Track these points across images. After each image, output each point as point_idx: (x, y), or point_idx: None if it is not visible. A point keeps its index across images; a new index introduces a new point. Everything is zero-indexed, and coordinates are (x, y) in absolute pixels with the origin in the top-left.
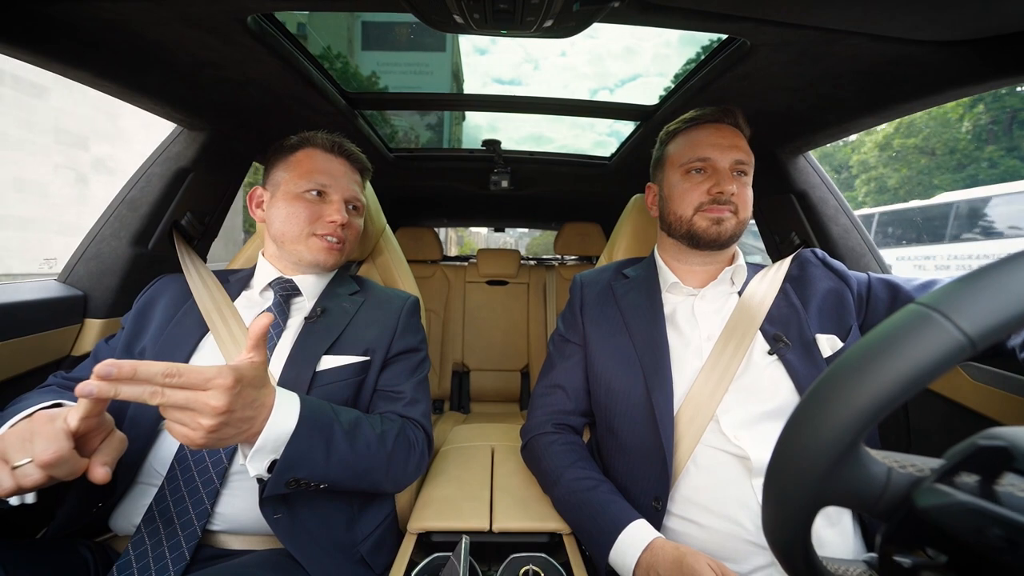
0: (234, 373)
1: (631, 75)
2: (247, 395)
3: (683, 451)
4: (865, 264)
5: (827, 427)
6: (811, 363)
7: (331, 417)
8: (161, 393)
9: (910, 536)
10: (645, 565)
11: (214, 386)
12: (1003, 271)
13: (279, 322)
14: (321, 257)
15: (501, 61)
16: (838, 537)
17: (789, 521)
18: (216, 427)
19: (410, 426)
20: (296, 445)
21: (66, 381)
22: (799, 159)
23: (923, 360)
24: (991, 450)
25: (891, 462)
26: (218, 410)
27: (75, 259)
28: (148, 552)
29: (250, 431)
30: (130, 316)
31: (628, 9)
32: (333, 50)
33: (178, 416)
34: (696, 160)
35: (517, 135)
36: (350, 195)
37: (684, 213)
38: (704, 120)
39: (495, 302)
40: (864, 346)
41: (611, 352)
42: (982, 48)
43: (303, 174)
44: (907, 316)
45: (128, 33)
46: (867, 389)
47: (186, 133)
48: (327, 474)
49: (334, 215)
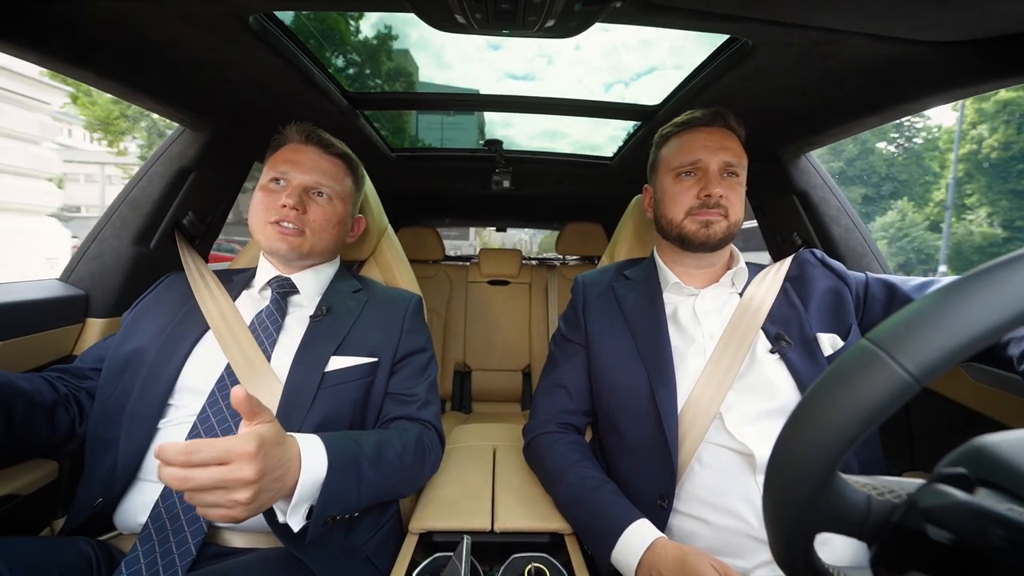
0: (256, 438)
1: (647, 68)
2: (273, 455)
3: (687, 448)
4: (867, 264)
5: (802, 461)
6: (812, 362)
7: (356, 451)
8: (186, 478)
9: (898, 557)
10: (647, 565)
11: (237, 456)
12: (938, 304)
13: (277, 319)
14: (275, 244)
15: (514, 56)
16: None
17: (789, 545)
18: (253, 497)
19: (425, 431)
20: (330, 488)
21: (58, 374)
22: (801, 159)
23: (872, 400)
24: (954, 477)
25: (870, 489)
26: (250, 480)
27: (77, 259)
28: (155, 548)
29: (284, 488)
30: (130, 315)
31: (630, 9)
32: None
33: (209, 500)
34: (686, 163)
35: (532, 130)
36: (311, 181)
37: (675, 217)
38: (696, 123)
39: (497, 302)
40: (823, 382)
41: (614, 351)
42: (984, 48)
43: (270, 166)
44: (857, 353)
45: (130, 33)
46: (828, 427)
47: (188, 133)
48: (360, 504)
49: (284, 199)
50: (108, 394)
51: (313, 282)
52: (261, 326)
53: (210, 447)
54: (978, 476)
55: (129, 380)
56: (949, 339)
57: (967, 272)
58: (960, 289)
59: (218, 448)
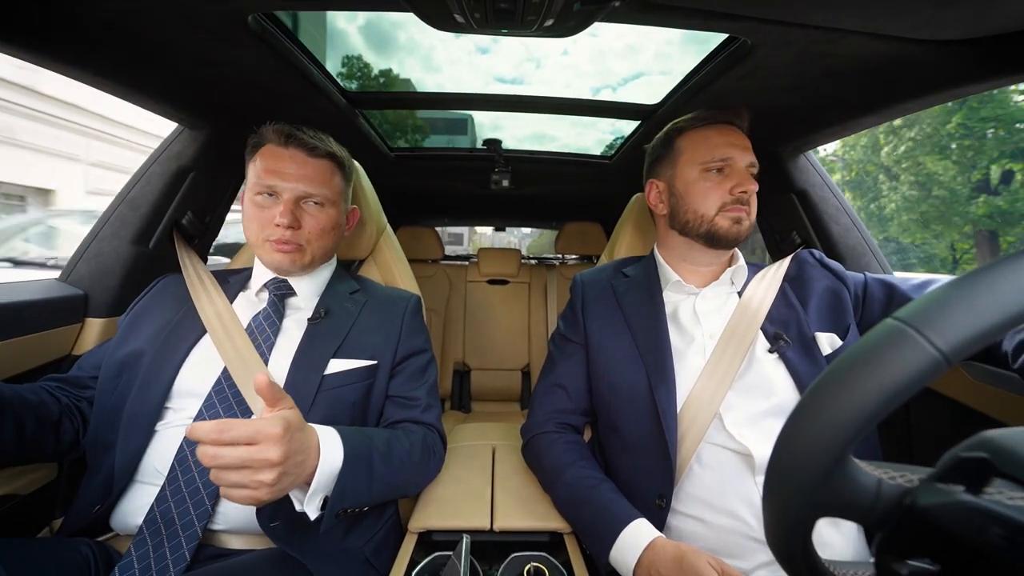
0: (282, 421)
1: (634, 73)
2: (297, 440)
3: (687, 448)
4: (866, 263)
5: (815, 441)
6: (811, 361)
7: (369, 444)
8: (216, 455)
9: (904, 544)
10: (646, 564)
11: (264, 438)
12: (972, 284)
13: (275, 321)
14: (276, 261)
15: (503, 60)
16: (841, 538)
17: (788, 531)
18: (277, 479)
19: (428, 433)
20: (345, 479)
21: (58, 384)
22: (800, 158)
23: (899, 377)
24: (973, 461)
25: (881, 473)
26: (276, 461)
27: (76, 258)
28: (150, 553)
29: (303, 475)
30: (127, 319)
31: (629, 8)
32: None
33: (235, 479)
34: (718, 159)
35: (520, 133)
36: (302, 192)
37: (707, 212)
38: (716, 120)
39: (496, 301)
40: (845, 361)
41: (613, 349)
42: (982, 47)
43: (256, 174)
44: (884, 332)
45: (128, 33)
46: (849, 405)
47: (187, 132)
48: (370, 498)
49: (278, 218)
50: (106, 398)
51: (311, 284)
52: (259, 329)
53: (241, 426)
54: (997, 463)
55: (126, 384)
56: (982, 318)
57: (999, 256)
58: (994, 270)
59: (248, 428)
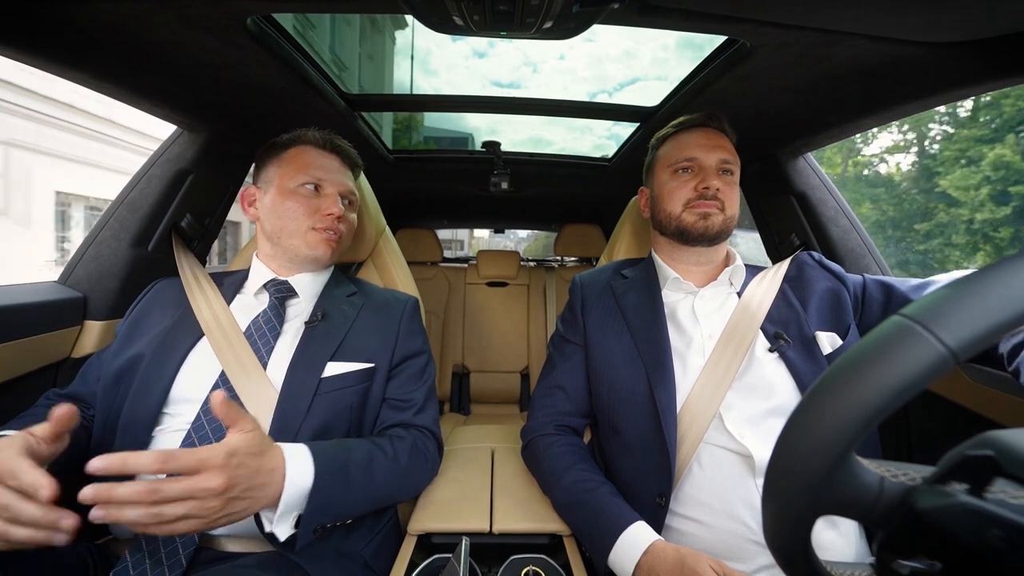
0: (226, 448)
1: (630, 78)
2: (248, 465)
3: (687, 448)
4: (865, 265)
5: (819, 437)
6: (812, 360)
7: (345, 459)
8: (157, 490)
9: (906, 543)
10: (645, 567)
11: (207, 467)
12: (979, 282)
13: (275, 325)
14: (320, 251)
15: (500, 64)
16: (840, 539)
17: (788, 529)
18: (222, 506)
19: (421, 436)
20: (318, 497)
21: (60, 399)
22: (799, 160)
23: (906, 373)
24: (979, 459)
25: (883, 471)
26: (216, 491)
27: (75, 261)
28: (145, 559)
29: (268, 497)
30: (124, 325)
31: (627, 11)
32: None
33: (180, 511)
34: (683, 160)
35: (516, 137)
36: (344, 189)
37: (673, 210)
38: (691, 124)
39: (495, 303)
40: (852, 357)
41: (613, 350)
42: (982, 49)
43: (298, 169)
44: (891, 328)
45: (127, 34)
46: (855, 401)
47: (186, 135)
48: (351, 512)
49: (331, 207)
50: (107, 405)
51: (311, 285)
52: (258, 332)
53: (184, 456)
54: (1002, 461)
55: (125, 389)
56: (989, 316)
57: (1007, 254)
58: (1000, 269)
59: (192, 458)
